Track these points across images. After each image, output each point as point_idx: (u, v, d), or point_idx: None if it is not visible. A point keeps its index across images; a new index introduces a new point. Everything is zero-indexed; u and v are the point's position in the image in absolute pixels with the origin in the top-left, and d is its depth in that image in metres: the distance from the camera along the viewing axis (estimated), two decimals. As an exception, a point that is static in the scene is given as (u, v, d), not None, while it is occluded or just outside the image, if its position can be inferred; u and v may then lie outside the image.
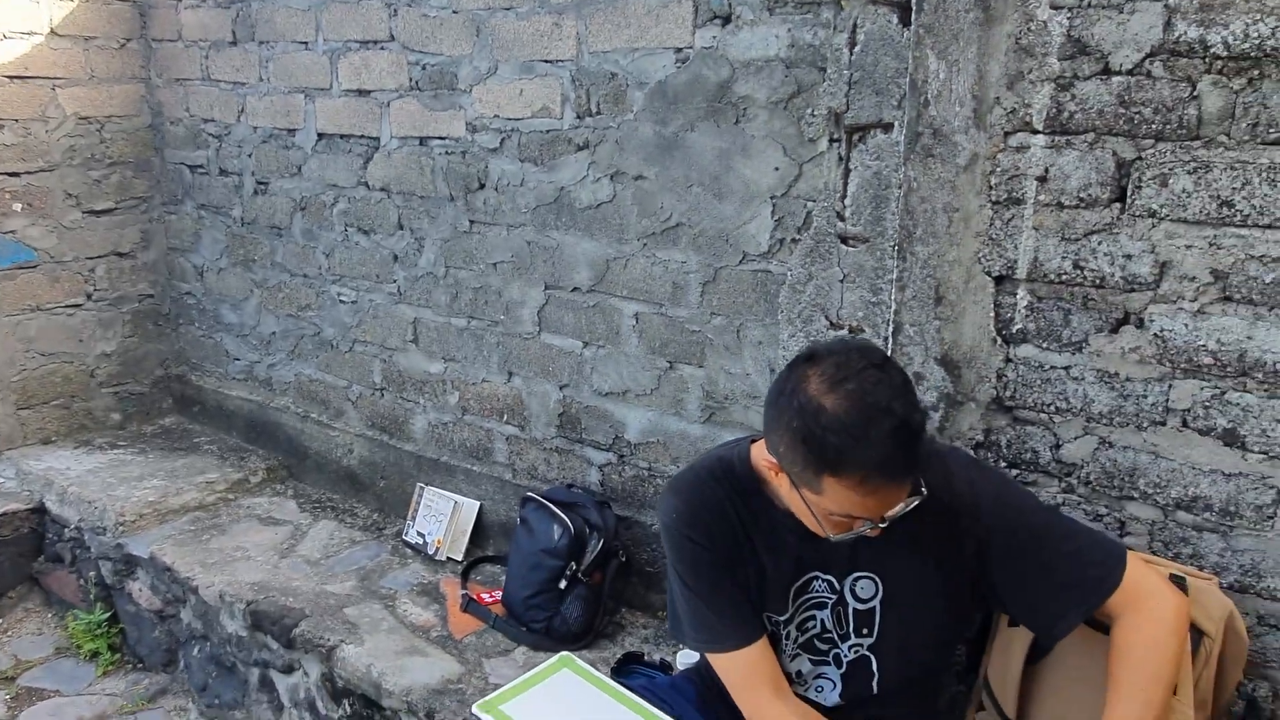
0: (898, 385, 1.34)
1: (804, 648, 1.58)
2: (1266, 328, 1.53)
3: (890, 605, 1.52)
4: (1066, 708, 1.63)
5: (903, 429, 1.29)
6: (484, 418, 2.77)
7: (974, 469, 1.55)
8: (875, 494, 1.33)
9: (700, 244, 2.21)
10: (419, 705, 2.12)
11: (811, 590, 1.56)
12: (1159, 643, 1.39)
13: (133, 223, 3.63)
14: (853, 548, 1.51)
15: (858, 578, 1.53)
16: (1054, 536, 1.47)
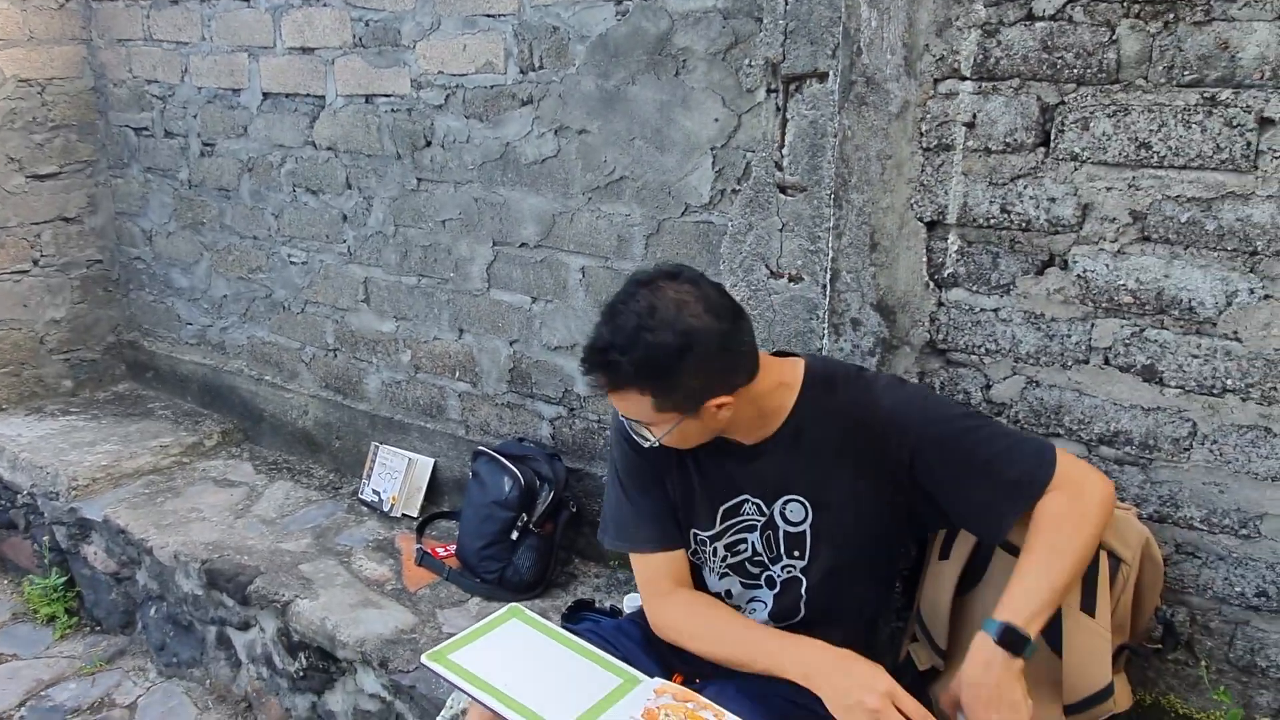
0: (621, 305, 1.43)
1: (735, 570, 1.63)
2: (1182, 266, 1.58)
3: (820, 528, 1.56)
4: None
5: (600, 334, 1.43)
6: (436, 375, 2.78)
7: (896, 387, 1.57)
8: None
9: (644, 197, 2.22)
10: (373, 655, 2.16)
11: (742, 513, 1.61)
12: (1077, 514, 1.42)
13: (78, 187, 3.57)
14: (775, 473, 1.56)
15: (788, 500, 1.58)
16: (983, 439, 1.49)
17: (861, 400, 1.50)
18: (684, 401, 1.44)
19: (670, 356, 1.38)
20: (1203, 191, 1.54)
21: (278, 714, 2.46)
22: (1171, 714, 1.72)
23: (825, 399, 1.54)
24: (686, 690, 1.55)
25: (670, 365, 1.39)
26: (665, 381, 1.41)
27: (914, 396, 1.56)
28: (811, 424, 1.54)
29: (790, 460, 1.55)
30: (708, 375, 1.42)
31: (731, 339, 1.44)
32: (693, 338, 1.38)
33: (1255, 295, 1.53)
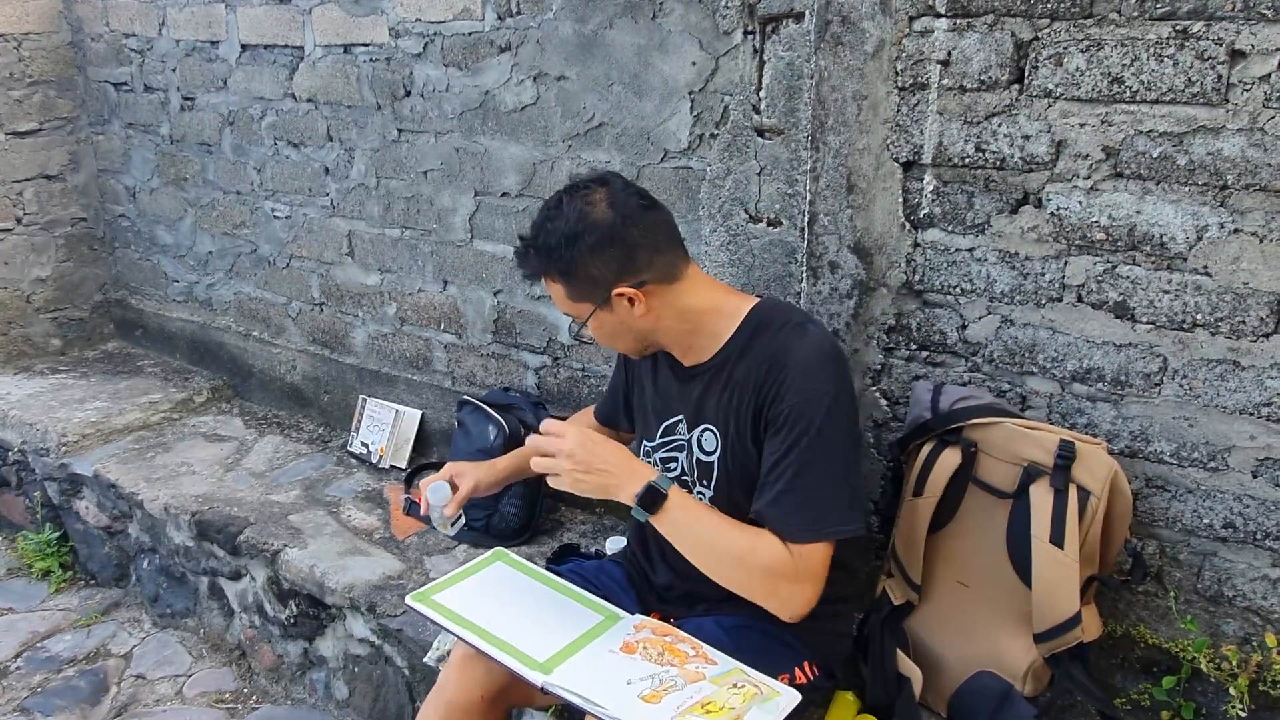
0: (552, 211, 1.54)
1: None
2: (1154, 201, 1.59)
3: (726, 461, 1.59)
4: (964, 568, 1.73)
5: (527, 228, 1.58)
6: (422, 327, 2.79)
7: (819, 359, 1.50)
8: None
9: (623, 143, 2.22)
10: (361, 600, 2.19)
11: (676, 432, 1.67)
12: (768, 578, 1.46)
13: (59, 144, 3.55)
14: (700, 399, 1.61)
15: (704, 429, 1.62)
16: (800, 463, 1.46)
17: (784, 345, 1.52)
18: (590, 290, 1.54)
19: (562, 241, 1.50)
20: (1174, 126, 1.54)
21: (270, 661, 2.50)
22: (1141, 644, 1.76)
23: (756, 337, 1.56)
24: (665, 625, 1.59)
25: (563, 251, 1.51)
26: (565, 267, 1.52)
27: (816, 382, 1.48)
28: (737, 359, 1.57)
29: (712, 390, 1.60)
30: (603, 263, 1.51)
31: (626, 230, 1.51)
32: (583, 225, 1.50)
33: (1225, 229, 1.54)
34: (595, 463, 1.47)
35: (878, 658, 1.73)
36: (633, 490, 1.47)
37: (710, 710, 1.37)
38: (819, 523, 1.46)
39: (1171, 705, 1.72)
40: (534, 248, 1.55)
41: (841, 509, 1.47)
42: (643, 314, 1.54)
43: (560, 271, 1.54)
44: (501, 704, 1.62)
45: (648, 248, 1.53)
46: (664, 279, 1.55)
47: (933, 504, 1.71)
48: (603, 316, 1.56)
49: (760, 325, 1.58)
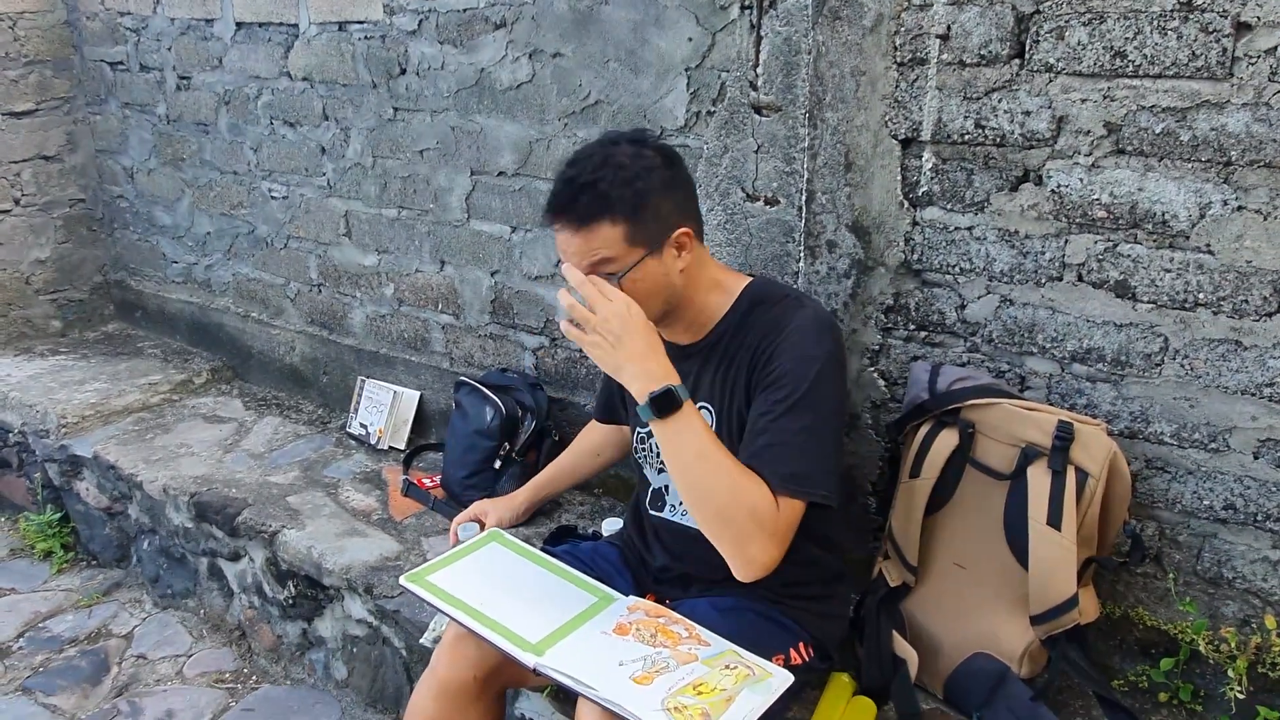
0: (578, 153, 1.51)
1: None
2: (1156, 178, 1.56)
3: (723, 434, 1.57)
4: (961, 550, 1.71)
5: (566, 174, 1.48)
6: (419, 308, 2.77)
7: (814, 327, 1.50)
8: (557, 239, 1.50)
9: (619, 121, 2.19)
10: (358, 581, 2.19)
11: None
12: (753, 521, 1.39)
13: (56, 124, 3.53)
14: (696, 377, 1.60)
15: (700, 406, 1.60)
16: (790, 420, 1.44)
17: (779, 320, 1.51)
18: (651, 230, 1.47)
19: (636, 175, 1.46)
20: (1178, 101, 1.51)
21: (270, 641, 2.51)
22: (1139, 625, 1.74)
23: (753, 313, 1.55)
24: (659, 607, 1.58)
25: (637, 184, 1.45)
26: (637, 202, 1.45)
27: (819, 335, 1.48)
28: (732, 336, 1.56)
29: (707, 367, 1.59)
30: (671, 201, 1.50)
31: (683, 172, 1.55)
32: (650, 163, 1.48)
33: (1228, 207, 1.51)
34: (626, 340, 1.39)
35: (874, 639, 1.72)
36: (648, 386, 1.38)
37: (702, 691, 1.36)
38: (804, 480, 1.43)
39: (1169, 687, 1.71)
40: (601, 181, 1.44)
41: (825, 473, 1.45)
42: (683, 266, 1.52)
43: (630, 208, 1.44)
44: (494, 684, 1.61)
45: (695, 198, 1.57)
46: (700, 234, 1.57)
47: (929, 485, 1.69)
48: (650, 265, 1.48)
49: (756, 301, 1.57)
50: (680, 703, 1.34)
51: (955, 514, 1.71)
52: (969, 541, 1.69)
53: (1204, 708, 1.70)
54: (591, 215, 1.45)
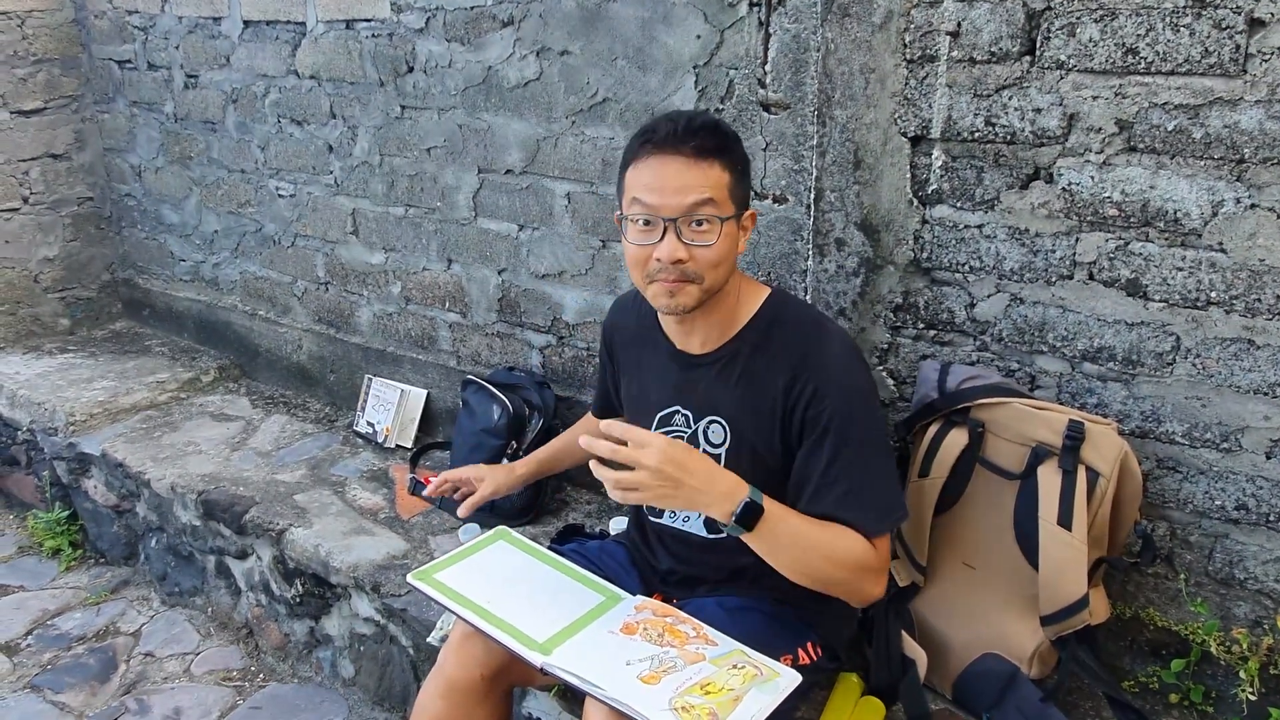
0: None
1: None
2: (1169, 176, 1.55)
3: (736, 452, 1.55)
4: (970, 550, 1.71)
5: (677, 113, 1.47)
6: (426, 306, 2.77)
7: (849, 358, 1.50)
8: (654, 167, 1.41)
9: (627, 119, 2.18)
10: (365, 580, 2.19)
11: (673, 423, 1.62)
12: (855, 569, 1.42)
13: (64, 123, 3.53)
14: (709, 390, 1.56)
15: (710, 421, 1.58)
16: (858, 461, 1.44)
17: (808, 345, 1.48)
18: (742, 196, 1.48)
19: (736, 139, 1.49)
20: (1190, 98, 1.50)
21: (277, 639, 2.51)
22: (1150, 626, 1.73)
23: (772, 330, 1.52)
24: (666, 606, 1.57)
25: (741, 147, 1.49)
26: (743, 164, 1.48)
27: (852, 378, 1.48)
28: (751, 351, 1.53)
29: (722, 381, 1.55)
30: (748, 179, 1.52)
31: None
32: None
33: (1241, 205, 1.50)
34: (686, 479, 1.32)
35: (882, 640, 1.71)
36: (729, 508, 1.34)
37: (709, 691, 1.36)
38: (891, 513, 1.47)
39: (1180, 688, 1.70)
40: (722, 125, 1.47)
41: (898, 496, 1.50)
42: (738, 250, 1.50)
43: (740, 161, 1.47)
44: (502, 683, 1.61)
45: None
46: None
47: (939, 485, 1.69)
48: (730, 229, 1.45)
49: (776, 320, 1.54)
50: (687, 702, 1.34)
51: (965, 514, 1.70)
52: (978, 541, 1.69)
53: (1215, 709, 1.68)
54: (711, 152, 1.42)
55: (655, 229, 1.42)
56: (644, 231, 1.44)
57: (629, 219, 1.45)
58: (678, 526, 1.66)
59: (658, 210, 1.41)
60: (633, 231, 1.45)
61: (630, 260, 1.48)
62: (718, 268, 1.45)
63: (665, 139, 1.42)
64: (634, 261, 1.47)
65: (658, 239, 1.42)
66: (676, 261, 1.41)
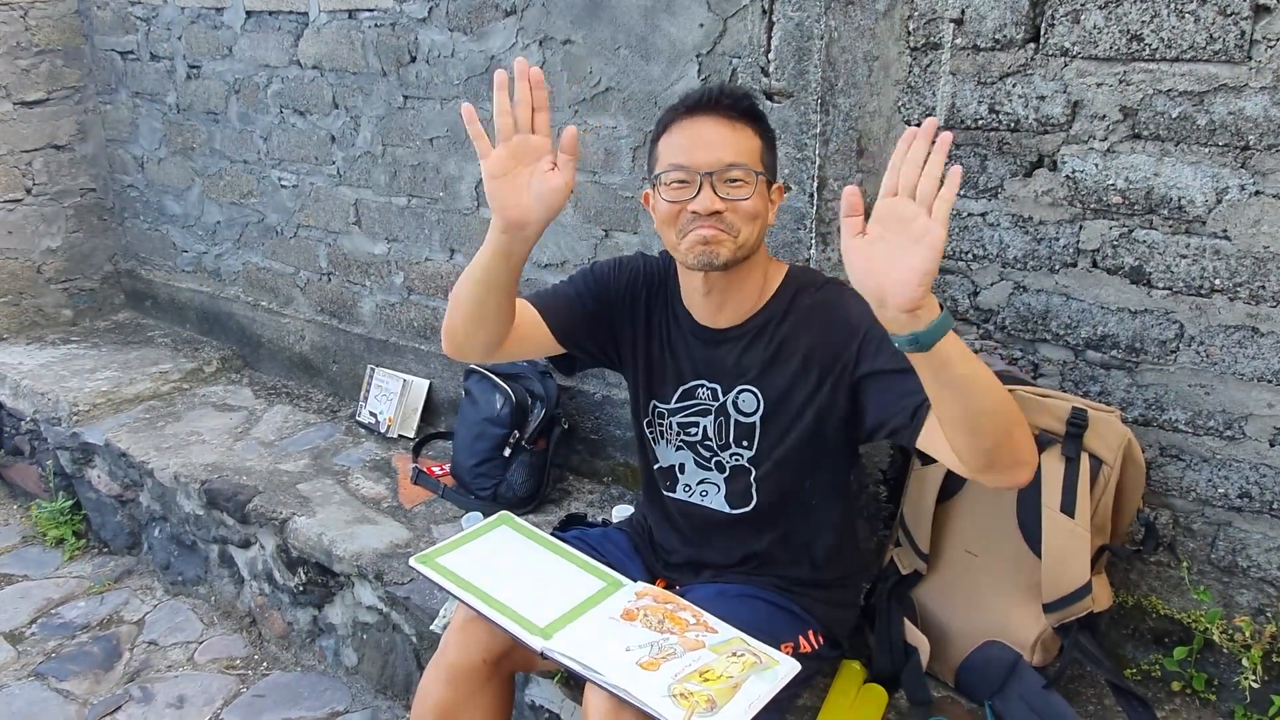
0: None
1: (690, 448, 1.65)
2: (1172, 163, 1.55)
3: (769, 421, 1.56)
4: (973, 538, 1.71)
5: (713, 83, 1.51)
6: (429, 297, 2.77)
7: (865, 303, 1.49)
8: (688, 129, 1.43)
9: (630, 108, 2.18)
10: (368, 568, 2.19)
11: (697, 396, 1.62)
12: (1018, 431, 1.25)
13: (67, 114, 3.53)
14: (738, 361, 1.56)
15: (741, 390, 1.58)
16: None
17: (835, 306, 1.49)
18: (771, 164, 1.50)
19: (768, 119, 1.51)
20: (1195, 85, 1.50)
21: (280, 628, 2.51)
22: (1152, 614, 1.73)
23: (799, 299, 1.54)
24: (667, 593, 1.57)
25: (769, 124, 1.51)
26: (772, 133, 1.51)
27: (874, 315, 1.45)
28: (780, 320, 1.54)
29: (751, 351, 1.56)
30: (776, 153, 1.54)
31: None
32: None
33: (1246, 191, 1.50)
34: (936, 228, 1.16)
35: (884, 627, 1.71)
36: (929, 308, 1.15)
37: (708, 678, 1.36)
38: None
39: (1183, 676, 1.71)
40: (753, 95, 1.52)
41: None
42: (768, 221, 1.50)
43: (769, 131, 1.50)
44: (504, 667, 1.61)
45: None
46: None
47: (942, 472, 1.68)
48: (761, 191, 1.46)
49: (800, 288, 1.55)
50: (686, 689, 1.34)
51: (967, 501, 1.70)
52: (981, 529, 1.69)
53: (1218, 696, 1.69)
54: (744, 115, 1.46)
55: (690, 185, 1.43)
56: (678, 189, 1.44)
57: (663, 182, 1.45)
58: (696, 501, 1.66)
59: (695, 167, 1.42)
60: (666, 191, 1.45)
61: (662, 219, 1.47)
62: (754, 221, 1.45)
63: (699, 102, 1.45)
64: (666, 219, 1.46)
65: (693, 195, 1.42)
66: (714, 214, 1.41)
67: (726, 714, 1.30)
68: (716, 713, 1.30)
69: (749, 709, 1.32)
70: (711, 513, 1.64)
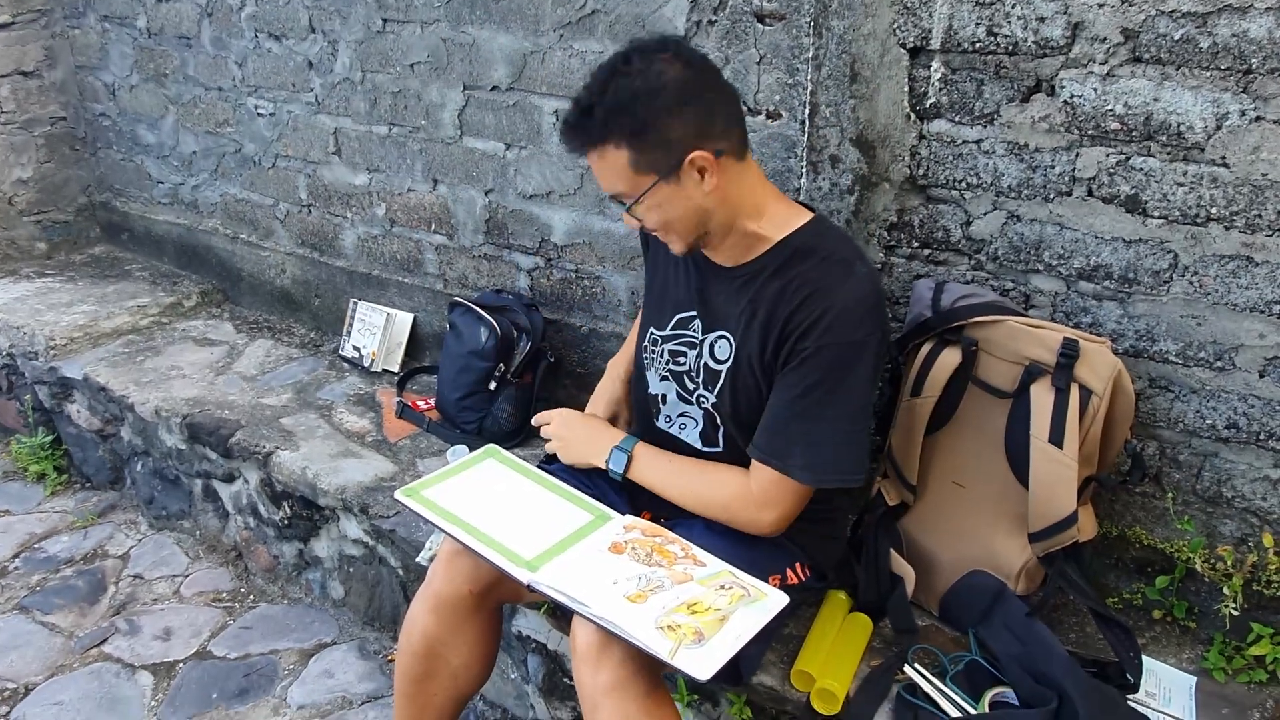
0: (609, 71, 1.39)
1: (675, 379, 1.64)
2: (1173, 88, 1.51)
3: (734, 373, 1.55)
4: (960, 469, 1.70)
5: (577, 95, 1.41)
6: (412, 229, 2.72)
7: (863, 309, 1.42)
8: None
9: (617, 31, 2.11)
10: (353, 501, 2.18)
11: (690, 328, 1.61)
12: (739, 509, 1.53)
13: (34, 38, 3.41)
14: (723, 303, 1.55)
15: (719, 336, 1.56)
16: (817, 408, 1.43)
17: (827, 281, 1.43)
18: (660, 156, 1.38)
19: (637, 97, 1.35)
20: (1199, 5, 1.45)
21: (266, 561, 2.51)
22: (1136, 544, 1.75)
23: (796, 260, 1.48)
24: (655, 526, 1.57)
25: (638, 107, 1.36)
26: (638, 126, 1.36)
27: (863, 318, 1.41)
28: (771, 275, 1.49)
29: (736, 298, 1.53)
30: (681, 123, 1.37)
31: (705, 89, 1.40)
32: (660, 81, 1.36)
33: (1246, 117, 1.46)
34: (575, 440, 1.70)
35: (871, 557, 1.72)
36: (605, 456, 1.63)
37: (696, 611, 1.36)
38: (824, 470, 1.46)
39: (1164, 604, 1.72)
40: (599, 106, 1.36)
41: (847, 459, 1.46)
42: (711, 189, 1.41)
43: (631, 132, 1.36)
44: (491, 599, 1.61)
45: (724, 114, 1.42)
46: (735, 154, 1.44)
47: (931, 404, 1.67)
48: (665, 190, 1.40)
49: (803, 249, 1.48)
50: (674, 621, 1.34)
51: (955, 433, 1.69)
52: (969, 460, 1.68)
53: (1198, 624, 1.71)
54: (595, 141, 1.40)
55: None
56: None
57: None
58: (675, 434, 1.66)
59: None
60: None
61: None
62: (675, 225, 1.46)
63: (565, 141, 1.44)
64: None
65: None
66: (641, 227, 1.51)
67: (714, 646, 1.30)
68: (704, 644, 1.30)
69: (737, 641, 1.32)
70: (688, 447, 1.63)
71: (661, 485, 1.60)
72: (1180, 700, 1.56)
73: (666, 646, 1.30)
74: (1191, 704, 1.55)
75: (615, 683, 1.35)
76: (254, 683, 2.18)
